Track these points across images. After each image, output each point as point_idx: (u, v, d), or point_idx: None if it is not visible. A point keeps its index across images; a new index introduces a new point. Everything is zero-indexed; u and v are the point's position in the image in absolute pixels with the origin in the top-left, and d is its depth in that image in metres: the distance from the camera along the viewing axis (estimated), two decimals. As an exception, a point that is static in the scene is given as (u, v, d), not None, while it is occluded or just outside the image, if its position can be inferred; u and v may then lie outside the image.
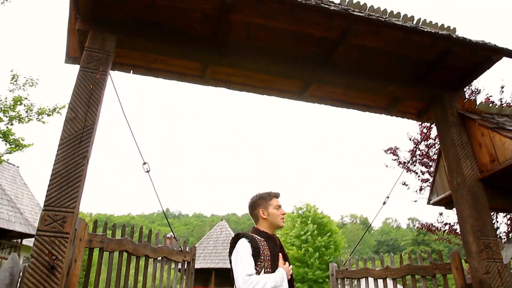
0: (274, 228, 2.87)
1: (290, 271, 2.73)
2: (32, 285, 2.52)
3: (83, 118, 3.04)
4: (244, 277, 2.50)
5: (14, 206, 17.57)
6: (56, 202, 2.76)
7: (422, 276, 4.00)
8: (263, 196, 2.95)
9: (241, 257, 2.61)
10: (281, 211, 2.89)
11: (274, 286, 2.51)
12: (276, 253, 2.73)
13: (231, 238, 2.83)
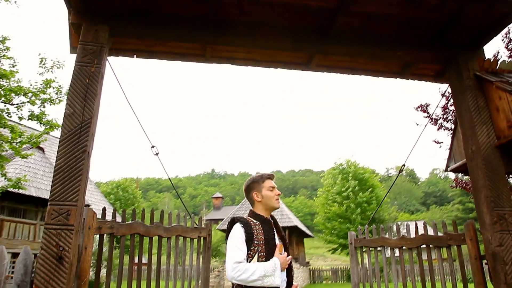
0: (269, 210, 2.87)
1: (288, 261, 2.71)
2: (43, 275, 2.72)
3: (81, 113, 3.12)
4: (232, 265, 2.55)
5: (64, 178, 18.62)
6: (60, 196, 2.91)
7: (437, 247, 3.93)
8: (256, 179, 2.95)
9: (232, 243, 2.66)
10: (275, 192, 2.87)
11: (264, 275, 2.53)
12: (270, 237, 2.75)
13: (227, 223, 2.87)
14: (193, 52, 4.08)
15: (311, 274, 29.81)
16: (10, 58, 8.48)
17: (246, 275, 2.52)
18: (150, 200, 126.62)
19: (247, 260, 2.63)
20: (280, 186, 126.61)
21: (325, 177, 31.18)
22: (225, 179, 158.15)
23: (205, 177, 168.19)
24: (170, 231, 4.00)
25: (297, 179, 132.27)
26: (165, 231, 3.94)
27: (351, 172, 28.10)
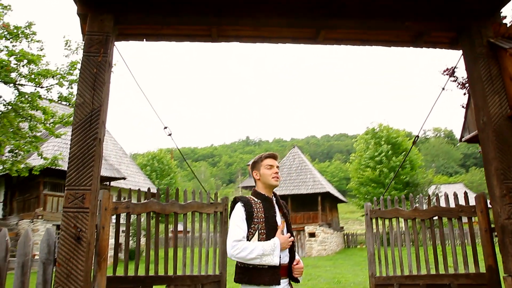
0: (269, 188, 2.97)
1: (289, 241, 2.81)
2: (64, 253, 2.97)
3: (90, 102, 3.28)
4: (232, 243, 2.69)
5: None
6: (75, 182, 3.12)
7: (449, 218, 3.93)
8: (256, 159, 3.06)
9: (233, 222, 2.80)
10: (273, 170, 2.95)
11: (262, 254, 2.65)
12: (271, 214, 2.86)
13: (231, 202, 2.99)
14: (200, 33, 4.11)
15: (345, 238, 30.10)
16: (38, 41, 8.79)
17: (245, 253, 2.66)
18: (186, 170, 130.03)
19: (248, 238, 2.77)
20: (315, 152, 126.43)
21: (357, 142, 30.86)
22: (259, 146, 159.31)
23: (240, 144, 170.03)
24: (185, 208, 4.19)
25: (332, 143, 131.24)
26: (180, 208, 4.13)
27: (383, 136, 27.62)
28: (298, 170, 26.57)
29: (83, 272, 2.96)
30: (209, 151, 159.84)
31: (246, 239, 2.75)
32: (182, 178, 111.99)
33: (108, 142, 25.70)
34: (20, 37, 8.03)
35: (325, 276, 12.58)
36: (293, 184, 25.73)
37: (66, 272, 2.95)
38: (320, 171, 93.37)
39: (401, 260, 4.42)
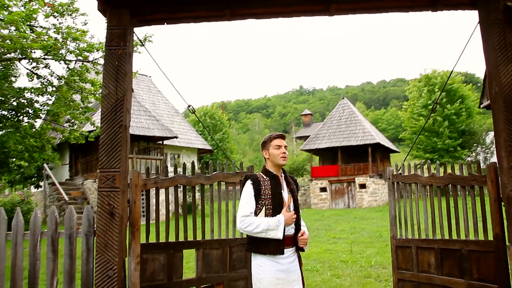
0: (277, 167, 3.23)
1: (293, 218, 3.09)
2: (101, 226, 3.46)
3: (114, 92, 3.64)
4: (240, 218, 3.03)
5: (151, 114, 20.38)
6: (106, 165, 3.55)
7: (462, 186, 4.00)
8: (265, 139, 3.30)
9: (242, 199, 3.12)
10: (281, 150, 3.19)
11: (267, 228, 2.97)
12: (277, 191, 3.14)
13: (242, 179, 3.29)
14: (215, 13, 4.27)
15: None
16: (83, 14, 9.26)
17: (251, 228, 2.99)
18: (241, 122, 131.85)
19: (256, 213, 3.08)
20: (370, 99, 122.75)
21: (410, 89, 29.68)
22: (314, 95, 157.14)
23: (294, 94, 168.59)
24: (211, 179, 4.56)
25: (388, 89, 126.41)
26: (206, 179, 4.51)
27: (437, 83, 26.31)
28: (347, 122, 26.28)
29: (117, 242, 3.45)
30: (263, 102, 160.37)
31: (254, 214, 3.06)
32: (238, 130, 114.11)
33: (160, 102, 26.73)
34: (64, 14, 8.54)
35: (368, 229, 12.84)
36: (343, 136, 25.59)
37: (104, 242, 3.45)
38: (375, 119, 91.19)
39: (419, 224, 4.58)
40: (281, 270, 3.03)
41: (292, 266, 3.11)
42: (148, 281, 3.84)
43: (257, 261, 3.08)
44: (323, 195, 26.04)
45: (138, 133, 18.68)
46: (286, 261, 3.07)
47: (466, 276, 3.84)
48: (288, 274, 3.07)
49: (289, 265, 3.08)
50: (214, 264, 4.39)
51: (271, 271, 3.02)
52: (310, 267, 7.58)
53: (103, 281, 3.40)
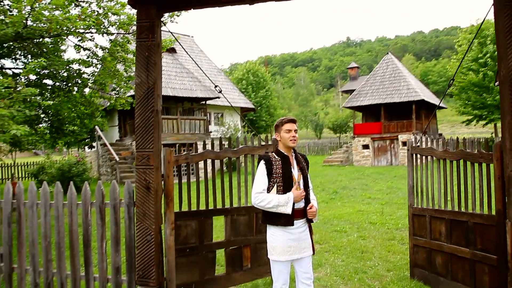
0: (288, 148, 3.60)
1: (302, 196, 3.45)
2: (139, 198, 4.02)
3: (146, 81, 4.07)
4: (254, 194, 3.46)
5: (193, 76, 20.90)
6: (142, 146, 4.06)
7: (471, 162, 4.18)
8: (277, 123, 3.65)
9: (256, 177, 3.54)
10: (291, 134, 3.54)
11: (277, 205, 3.38)
12: (287, 170, 3.52)
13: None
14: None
15: (444, 145, 29.16)
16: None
17: (264, 203, 3.43)
18: (286, 76, 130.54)
19: (269, 189, 3.50)
20: (421, 49, 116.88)
21: (459, 42, 28.12)
22: (361, 47, 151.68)
23: (340, 46, 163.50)
24: (238, 152, 4.99)
25: (441, 39, 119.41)
26: (233, 153, 4.94)
27: (490, 35, 24.73)
28: (391, 78, 25.60)
29: (154, 211, 4.02)
30: (309, 55, 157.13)
31: (266, 191, 3.48)
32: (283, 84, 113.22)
33: (202, 62, 27.17)
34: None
35: (404, 190, 12.98)
36: (386, 93, 25.06)
37: (142, 211, 4.03)
38: (425, 71, 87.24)
39: (433, 195, 4.82)
40: (292, 239, 3.47)
41: (303, 235, 3.53)
42: (181, 244, 4.42)
43: (271, 231, 3.53)
44: (365, 153, 26.02)
45: (182, 94, 19.36)
46: (297, 231, 3.49)
47: (471, 246, 4.12)
48: (298, 242, 3.50)
49: (300, 234, 3.50)
50: (242, 229, 4.91)
51: (283, 240, 3.47)
52: (339, 228, 8.01)
53: (143, 245, 4.01)
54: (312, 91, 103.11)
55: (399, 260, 5.81)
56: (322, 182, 16.28)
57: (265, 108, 38.26)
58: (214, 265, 4.72)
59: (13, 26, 6.78)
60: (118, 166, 18.06)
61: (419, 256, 4.95)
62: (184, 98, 20.16)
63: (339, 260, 6.01)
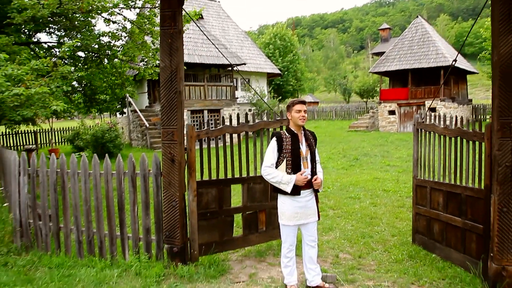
0: (297, 126, 4.05)
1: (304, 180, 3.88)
2: (165, 169, 4.60)
3: (169, 65, 4.54)
4: (264, 167, 3.97)
5: (220, 42, 21.16)
6: (167, 123, 4.59)
7: (466, 140, 4.50)
8: (289, 104, 4.09)
9: (267, 152, 4.03)
10: (301, 114, 3.98)
11: (280, 181, 3.87)
12: (296, 147, 3.98)
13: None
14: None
15: (473, 111, 28.68)
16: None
17: (269, 177, 3.93)
18: (316, 38, 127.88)
19: (279, 163, 3.97)
20: (458, 8, 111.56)
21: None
22: (394, 6, 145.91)
23: (372, 6, 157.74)
24: (254, 127, 5.45)
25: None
26: (250, 127, 5.41)
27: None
28: (420, 43, 25.03)
29: (178, 181, 4.60)
30: (339, 16, 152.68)
31: (275, 165, 3.97)
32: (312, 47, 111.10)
33: (229, 28, 27.24)
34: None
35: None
36: (414, 58, 24.60)
37: (168, 181, 4.62)
38: (461, 32, 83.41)
39: (434, 168, 5.19)
40: (299, 207, 3.98)
41: (309, 203, 4.04)
42: (203, 209, 5.00)
43: (281, 199, 4.05)
44: (391, 118, 25.95)
45: (208, 61, 19.75)
46: (304, 199, 3.99)
47: (462, 216, 4.52)
48: (305, 209, 4.01)
49: (306, 202, 4.01)
50: (257, 196, 5.44)
51: (291, 207, 3.98)
52: (354, 195, 8.48)
53: (169, 209, 4.63)
54: (342, 54, 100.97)
55: (404, 227, 6.26)
56: (344, 148, 16.62)
57: (292, 73, 38.20)
58: (232, 228, 5.30)
59: (48, 7, 7.31)
60: (148, 132, 18.90)
61: (420, 224, 5.38)
62: (211, 64, 20.55)
63: (349, 225, 6.52)
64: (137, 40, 10.43)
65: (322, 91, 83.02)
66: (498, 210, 3.76)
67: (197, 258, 4.81)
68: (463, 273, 4.37)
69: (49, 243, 5.29)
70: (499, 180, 3.76)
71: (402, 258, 5.00)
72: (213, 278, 4.48)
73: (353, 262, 4.93)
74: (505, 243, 3.75)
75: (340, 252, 5.34)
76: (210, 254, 4.96)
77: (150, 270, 4.53)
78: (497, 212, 3.77)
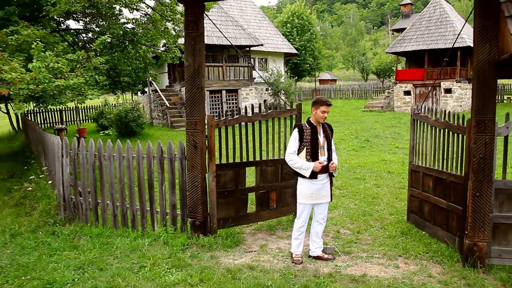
0: (317, 122, 4.72)
1: (320, 167, 4.58)
2: (189, 154, 5.35)
3: (193, 64, 5.22)
4: (287, 154, 4.69)
5: (238, 24, 21.60)
6: (190, 114, 5.29)
7: (452, 132, 5.10)
8: (317, 101, 4.72)
9: (291, 140, 4.73)
10: (324, 115, 4.67)
11: (300, 167, 4.59)
12: (314, 137, 4.65)
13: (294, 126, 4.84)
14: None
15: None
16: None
17: (292, 162, 4.66)
18: (335, 13, 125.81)
19: (300, 150, 4.67)
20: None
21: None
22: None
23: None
24: (267, 116, 6.12)
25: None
26: (263, 117, 6.08)
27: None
28: (437, 23, 24.93)
29: (200, 164, 5.34)
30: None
31: (297, 152, 4.65)
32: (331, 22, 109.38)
33: (247, 8, 27.53)
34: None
35: (433, 140, 13.70)
36: (431, 39, 24.58)
37: (191, 164, 5.37)
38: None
39: (426, 155, 5.81)
40: (315, 188, 4.71)
41: (325, 186, 4.77)
42: (221, 188, 5.74)
43: (300, 181, 4.77)
44: (406, 99, 26.19)
45: (227, 42, 20.28)
46: (320, 182, 4.71)
47: (447, 198, 5.16)
48: (320, 191, 4.73)
49: (322, 185, 4.74)
50: (269, 177, 6.16)
51: (308, 189, 4.71)
52: (360, 176, 9.15)
53: (192, 188, 5.39)
54: (362, 30, 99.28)
55: (402, 206, 6.93)
56: (357, 129, 17.15)
57: (309, 52, 38.30)
58: (246, 205, 6.05)
59: (81, 2, 7.99)
60: (168, 111, 19.72)
61: (413, 204, 6.04)
62: (229, 45, 21.08)
63: (352, 204, 7.22)
64: (159, 27, 11.08)
65: (340, 68, 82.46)
66: (472, 194, 4.40)
67: (216, 231, 5.59)
68: (445, 248, 5.05)
69: (89, 216, 6.15)
70: (473, 169, 4.38)
71: (396, 234, 5.70)
72: (229, 247, 5.27)
73: (352, 237, 5.65)
74: (477, 223, 4.41)
75: (342, 228, 6.06)
76: (227, 228, 5.74)
77: (176, 240, 5.34)
78: (471, 196, 4.41)
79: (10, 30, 7.64)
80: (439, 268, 4.59)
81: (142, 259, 4.87)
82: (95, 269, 4.65)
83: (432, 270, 4.53)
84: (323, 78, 53.82)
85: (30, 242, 5.52)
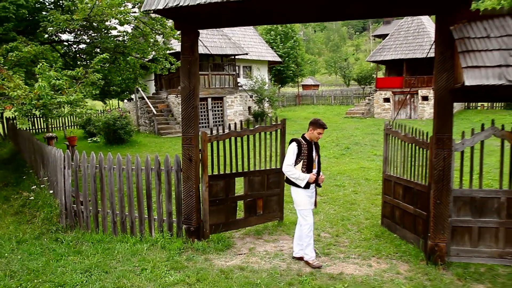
0: (312, 139, 5.34)
1: (314, 179, 5.23)
2: (185, 166, 5.90)
3: (188, 85, 5.79)
4: (286, 165, 5.29)
5: (223, 33, 22.18)
6: (186, 131, 5.85)
7: (418, 147, 5.79)
8: (315, 122, 5.32)
9: (288, 153, 5.33)
10: (319, 136, 5.32)
11: (297, 177, 5.20)
12: (310, 153, 5.29)
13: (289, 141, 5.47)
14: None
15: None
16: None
17: (290, 173, 5.26)
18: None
19: (296, 163, 5.26)
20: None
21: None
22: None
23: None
24: (254, 131, 6.72)
25: None
26: (250, 132, 6.68)
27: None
28: (415, 33, 26.01)
29: (194, 175, 5.90)
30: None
31: (294, 164, 5.25)
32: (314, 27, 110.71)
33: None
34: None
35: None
36: (409, 48, 25.63)
37: (186, 175, 5.93)
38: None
39: (397, 166, 6.49)
40: (309, 196, 5.35)
41: (313, 194, 5.41)
42: (213, 196, 6.31)
43: (295, 190, 5.35)
44: (386, 105, 27.16)
45: (213, 52, 20.84)
46: (310, 191, 5.37)
47: (414, 205, 5.84)
48: (311, 198, 5.37)
49: (312, 194, 5.39)
50: (256, 186, 6.75)
51: (305, 196, 5.30)
52: (339, 183, 9.82)
53: (187, 197, 5.95)
54: (344, 35, 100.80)
55: (377, 212, 7.60)
56: (338, 137, 17.89)
57: (292, 58, 39.14)
58: (235, 212, 6.63)
59: (77, 21, 8.47)
60: (155, 119, 20.16)
61: (386, 210, 6.71)
62: (214, 54, 21.66)
63: (332, 210, 7.87)
64: (149, 39, 11.60)
65: (323, 73, 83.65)
66: (434, 201, 5.08)
67: (208, 236, 6.16)
68: (412, 248, 5.73)
69: (89, 223, 6.64)
70: (434, 180, 5.07)
71: (370, 237, 6.36)
72: (221, 251, 5.84)
73: (331, 240, 6.28)
74: (438, 226, 5.09)
75: (322, 231, 6.69)
76: (218, 233, 6.31)
77: (172, 245, 5.89)
78: (433, 203, 5.10)
79: (10, 47, 8.09)
80: (406, 266, 5.25)
81: (143, 262, 5.40)
82: (101, 272, 5.16)
83: (400, 268, 5.19)
84: (306, 83, 54.76)
85: (36, 248, 5.99)
